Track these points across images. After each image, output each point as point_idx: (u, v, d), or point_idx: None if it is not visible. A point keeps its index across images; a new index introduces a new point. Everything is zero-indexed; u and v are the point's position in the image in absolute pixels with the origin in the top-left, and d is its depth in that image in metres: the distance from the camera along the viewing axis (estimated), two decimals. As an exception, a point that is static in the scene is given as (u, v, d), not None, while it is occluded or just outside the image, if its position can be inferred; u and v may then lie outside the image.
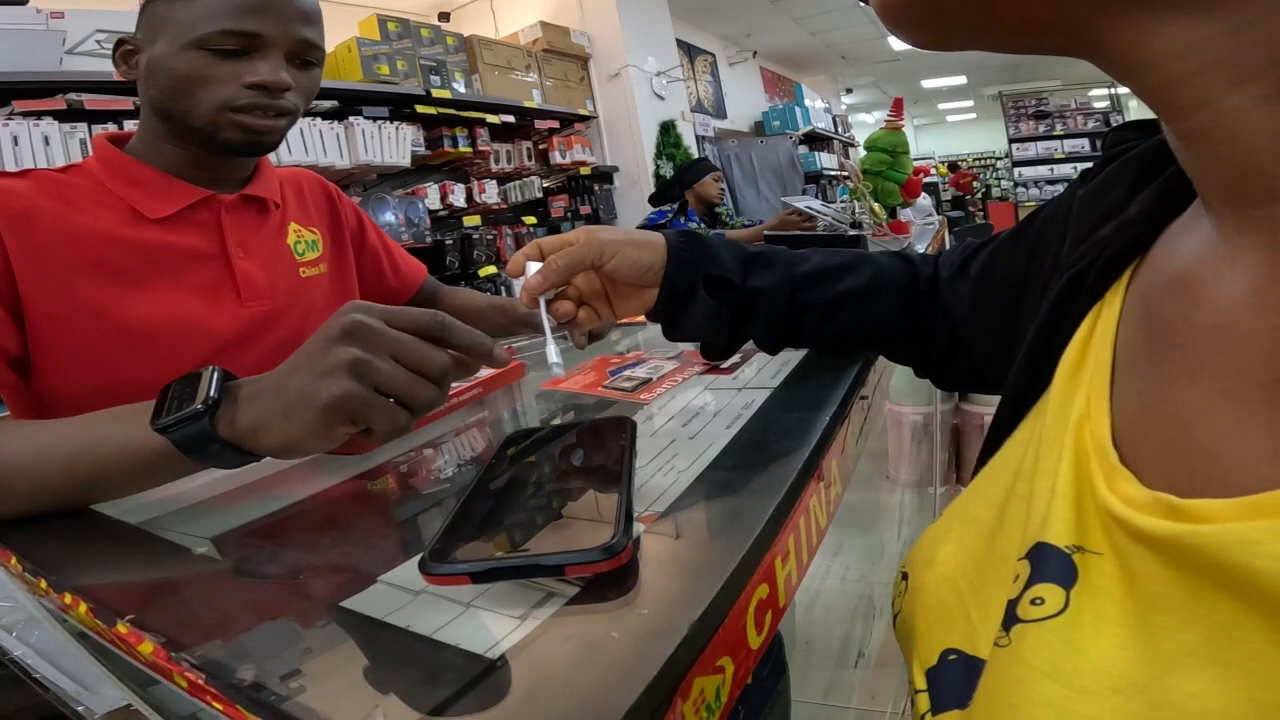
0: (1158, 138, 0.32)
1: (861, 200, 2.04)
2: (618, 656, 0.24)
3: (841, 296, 0.54)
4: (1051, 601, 0.23)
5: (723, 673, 0.26)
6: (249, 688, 0.24)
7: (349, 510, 0.47)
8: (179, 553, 0.40)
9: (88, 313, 0.67)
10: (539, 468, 0.39)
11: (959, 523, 0.33)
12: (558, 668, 0.24)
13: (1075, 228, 0.36)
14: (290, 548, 0.42)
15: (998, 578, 0.27)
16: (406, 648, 0.26)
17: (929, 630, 0.30)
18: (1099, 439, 0.25)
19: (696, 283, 0.51)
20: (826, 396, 0.49)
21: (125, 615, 0.31)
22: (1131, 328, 0.28)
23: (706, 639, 0.25)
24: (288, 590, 0.35)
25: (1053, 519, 0.25)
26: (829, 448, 0.42)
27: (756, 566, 0.29)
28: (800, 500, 0.36)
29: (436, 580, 0.29)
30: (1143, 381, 0.26)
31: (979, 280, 0.49)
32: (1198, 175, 0.24)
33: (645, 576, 0.29)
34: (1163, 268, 0.27)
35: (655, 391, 0.56)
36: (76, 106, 1.76)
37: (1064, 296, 0.32)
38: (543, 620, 0.27)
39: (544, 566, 0.28)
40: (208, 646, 0.28)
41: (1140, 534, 0.21)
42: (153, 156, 0.73)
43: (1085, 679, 0.21)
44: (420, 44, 2.85)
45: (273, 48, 0.68)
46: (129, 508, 0.48)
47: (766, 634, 0.31)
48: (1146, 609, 0.21)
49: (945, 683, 0.28)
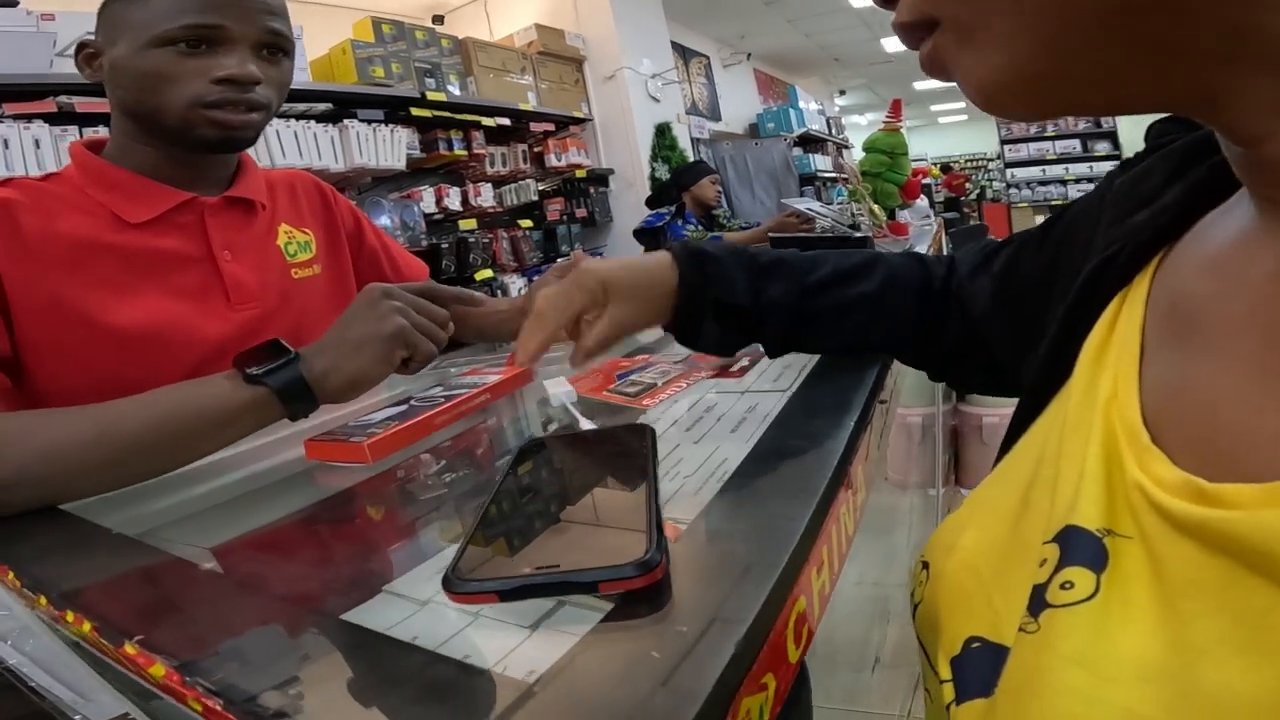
0: (1201, 132, 0.32)
1: (861, 202, 2.03)
2: (662, 677, 0.22)
3: (854, 301, 0.54)
4: (1081, 586, 0.22)
5: (766, 690, 0.25)
6: (272, 716, 0.23)
7: (355, 518, 0.46)
8: (181, 566, 0.39)
9: (75, 319, 0.66)
10: (559, 478, 0.38)
11: (980, 509, 0.32)
12: (598, 689, 0.23)
13: (1110, 214, 0.36)
14: (292, 559, 0.41)
15: (1021, 563, 0.27)
16: (425, 667, 0.25)
17: (952, 618, 0.29)
18: (1128, 419, 0.25)
19: (707, 308, 0.50)
20: (849, 401, 0.48)
21: (134, 636, 0.29)
22: (1160, 310, 0.28)
23: (753, 657, 0.24)
24: (290, 604, 0.34)
25: (1082, 501, 0.24)
26: (855, 454, 0.41)
27: (796, 579, 0.28)
28: (832, 509, 0.35)
29: (462, 599, 0.28)
30: (1172, 363, 0.25)
31: (1001, 276, 0.48)
32: (1247, 176, 0.24)
33: (679, 591, 0.28)
34: (1196, 252, 0.27)
35: (658, 397, 0.55)
36: (67, 109, 1.74)
37: (1093, 280, 0.31)
38: (576, 639, 0.25)
39: (577, 583, 0.27)
40: (222, 668, 0.27)
41: (1170, 517, 0.21)
42: (128, 159, 0.71)
43: (1113, 667, 0.20)
44: (415, 46, 2.84)
45: (239, 41, 0.67)
46: (127, 518, 0.46)
47: (804, 647, 0.30)
48: (1176, 595, 0.20)
49: (969, 671, 0.27)
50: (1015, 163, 9.00)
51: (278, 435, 0.60)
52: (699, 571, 0.30)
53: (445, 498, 0.48)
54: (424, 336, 0.57)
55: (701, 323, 0.51)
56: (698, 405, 0.53)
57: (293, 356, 0.53)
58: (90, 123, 1.78)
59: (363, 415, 0.57)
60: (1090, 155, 8.62)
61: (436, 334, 0.59)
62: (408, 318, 0.56)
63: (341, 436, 0.52)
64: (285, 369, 0.52)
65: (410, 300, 0.58)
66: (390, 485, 0.50)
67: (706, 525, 0.33)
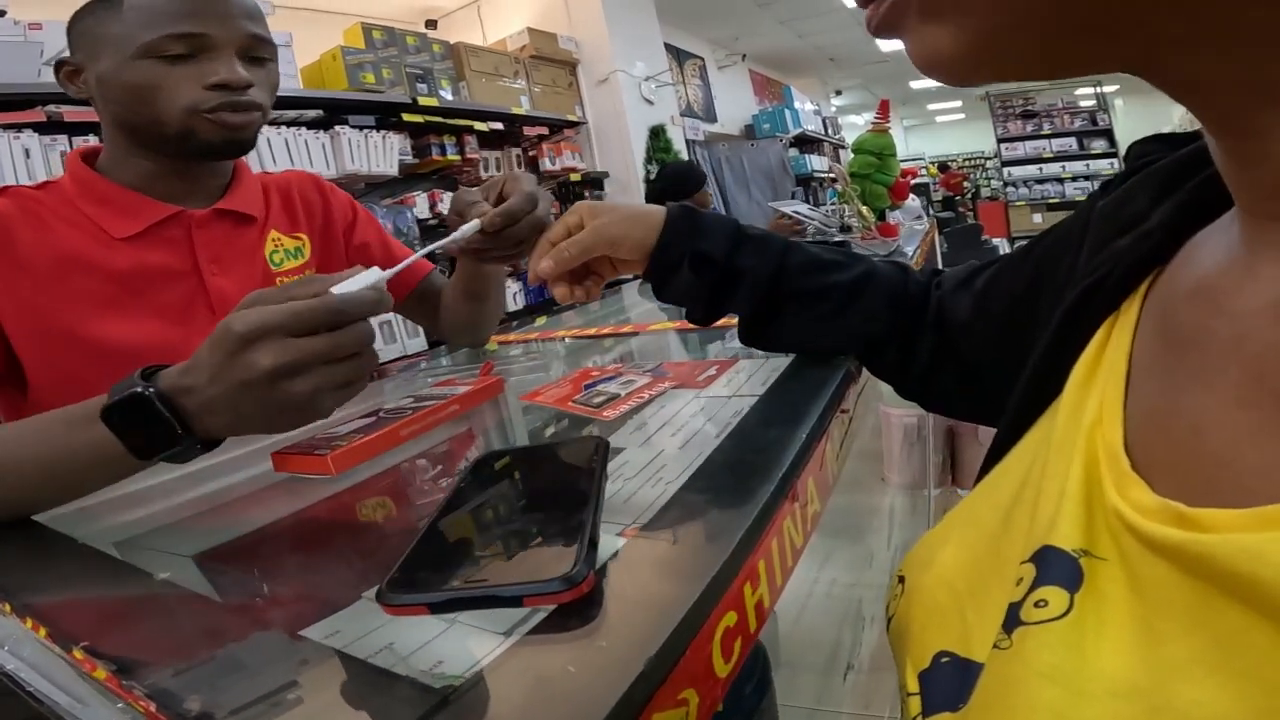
0: (1183, 151, 0.32)
1: (850, 203, 2.04)
2: (572, 691, 0.23)
3: (828, 288, 0.55)
4: (1055, 604, 0.23)
5: (686, 705, 0.25)
6: (197, 718, 0.24)
7: (311, 536, 0.46)
8: (138, 576, 0.39)
9: (61, 334, 0.66)
10: (504, 493, 0.38)
11: (960, 526, 0.33)
12: (508, 704, 0.23)
13: (1094, 238, 0.36)
14: (250, 573, 0.41)
15: (998, 580, 0.27)
16: (356, 678, 0.26)
17: (923, 632, 0.30)
18: (1110, 444, 0.25)
19: (685, 255, 0.55)
20: (805, 412, 0.48)
21: (80, 642, 0.30)
22: (1148, 336, 0.28)
23: (665, 673, 0.24)
24: (241, 617, 0.34)
25: (1060, 522, 0.24)
26: (804, 466, 0.41)
27: (722, 595, 0.29)
28: (773, 523, 0.35)
29: (395, 610, 0.29)
30: (1158, 388, 0.26)
31: (983, 294, 0.49)
32: (1236, 185, 0.24)
33: (609, 606, 0.28)
34: (1183, 277, 0.27)
35: (620, 409, 0.56)
36: (56, 118, 1.75)
37: (1078, 305, 0.32)
38: (501, 651, 0.26)
39: (502, 597, 0.27)
40: (157, 674, 0.27)
41: (1148, 540, 0.21)
42: (119, 172, 0.72)
43: (1086, 682, 0.20)
44: (406, 52, 2.85)
45: (223, 47, 0.67)
46: (97, 530, 0.47)
47: (736, 661, 0.30)
48: (1151, 614, 0.21)
49: (937, 685, 0.27)
50: (1012, 161, 9.00)
51: (250, 448, 0.61)
52: (631, 586, 0.30)
53: (404, 512, 0.48)
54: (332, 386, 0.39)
55: (677, 270, 0.55)
56: (657, 416, 0.53)
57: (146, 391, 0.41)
58: (79, 132, 1.78)
59: (331, 427, 0.58)
60: (1087, 153, 8.63)
61: (348, 377, 0.40)
62: (286, 359, 0.38)
63: (306, 449, 0.53)
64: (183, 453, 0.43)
65: (283, 323, 0.38)
66: (355, 499, 0.50)
67: (645, 539, 0.34)
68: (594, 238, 0.55)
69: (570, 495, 0.36)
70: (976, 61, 0.22)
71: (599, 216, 0.56)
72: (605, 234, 0.55)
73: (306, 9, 3.09)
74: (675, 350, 0.87)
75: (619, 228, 0.56)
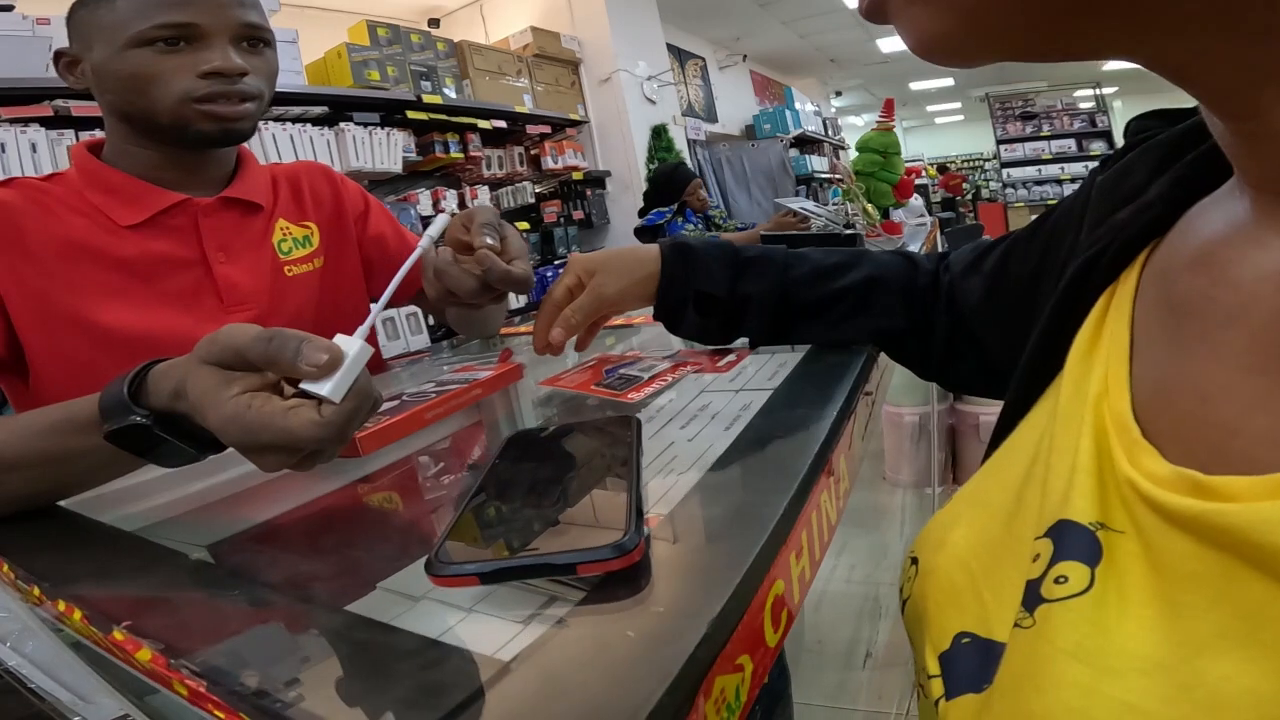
0: (1180, 126, 0.32)
1: (854, 201, 2.04)
2: (636, 656, 0.23)
3: (837, 294, 0.55)
4: (1076, 580, 0.22)
5: (742, 671, 0.25)
6: (252, 695, 0.23)
7: (346, 516, 0.46)
8: (175, 558, 0.39)
9: (68, 323, 0.66)
10: (544, 467, 0.38)
11: (970, 506, 0.32)
12: (571, 668, 0.23)
13: (1093, 212, 0.36)
14: (288, 554, 0.41)
15: (1012, 559, 0.27)
16: (413, 652, 0.26)
17: (940, 614, 0.29)
18: (1119, 414, 0.25)
19: (688, 298, 0.55)
20: (831, 392, 0.48)
21: (121, 622, 0.30)
22: (1149, 306, 0.28)
23: (726, 636, 0.24)
24: (287, 597, 0.34)
25: (1074, 495, 0.24)
26: (838, 442, 0.41)
27: (772, 562, 0.29)
28: (812, 495, 0.35)
29: (443, 582, 0.28)
30: (1162, 358, 0.25)
31: (992, 274, 0.48)
32: (1241, 162, 0.24)
33: (657, 575, 0.28)
34: (1183, 246, 0.27)
35: (643, 391, 0.56)
36: (63, 113, 1.75)
37: (1078, 278, 0.32)
38: (553, 622, 0.26)
39: (555, 565, 0.27)
40: (207, 653, 0.27)
41: (1165, 511, 0.21)
42: (123, 161, 0.72)
43: (1111, 659, 0.20)
44: (411, 49, 2.85)
45: (216, 35, 0.67)
46: (122, 516, 0.47)
47: (783, 632, 0.30)
48: (1173, 588, 0.20)
49: (959, 666, 0.27)
50: (1011, 162, 9.02)
51: None
52: (679, 556, 0.30)
53: (436, 495, 0.48)
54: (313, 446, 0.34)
55: (684, 311, 0.55)
56: (682, 398, 0.53)
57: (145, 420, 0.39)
58: (87, 126, 1.78)
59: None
60: (1086, 155, 8.64)
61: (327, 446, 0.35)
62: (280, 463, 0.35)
63: None
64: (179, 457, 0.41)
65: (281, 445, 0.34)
66: (381, 482, 0.50)
67: (687, 511, 0.34)
68: (596, 303, 0.57)
69: (610, 468, 0.36)
70: (964, 40, 0.22)
71: (595, 274, 0.57)
72: (605, 296, 0.57)
73: (312, 7, 3.09)
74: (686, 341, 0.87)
75: (616, 286, 0.57)
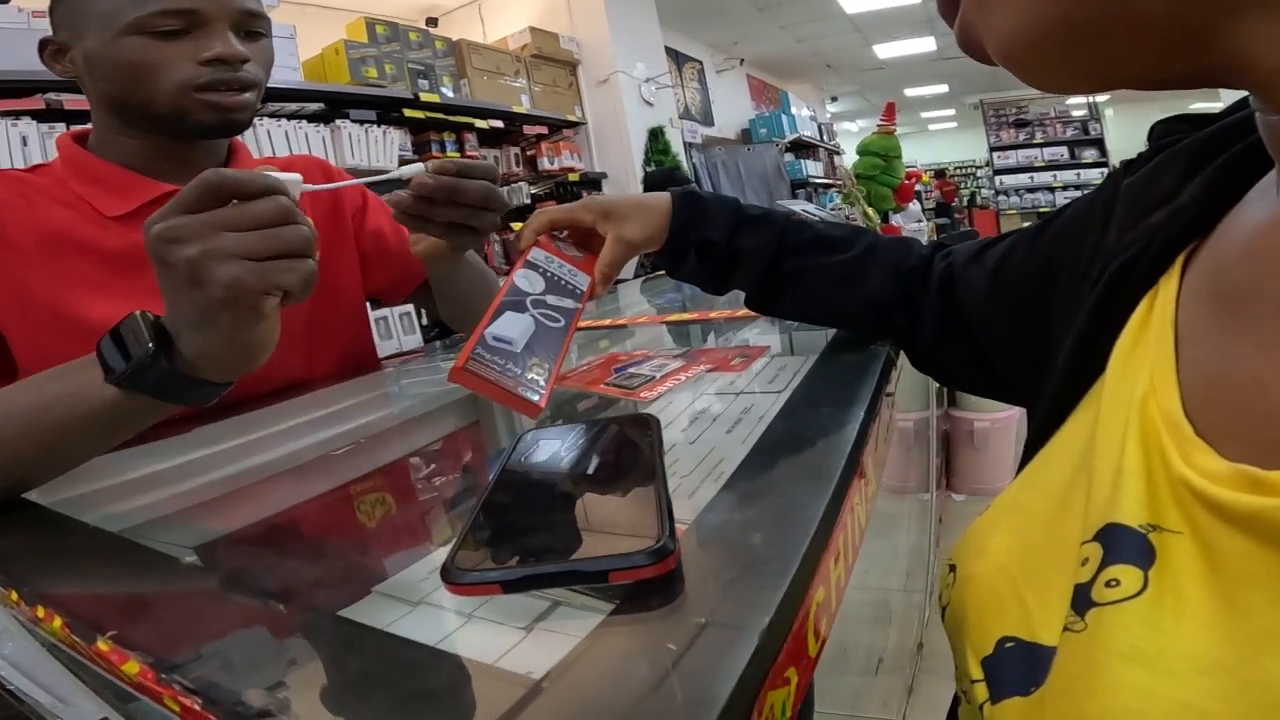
0: (1206, 130, 0.32)
1: (855, 204, 2.03)
2: (682, 672, 0.21)
3: (828, 266, 0.57)
4: (1128, 583, 0.22)
5: (789, 684, 0.24)
6: (256, 715, 0.21)
7: (339, 518, 0.44)
8: (161, 562, 0.37)
9: (50, 314, 0.64)
10: (560, 467, 0.36)
11: (1009, 512, 0.32)
12: (609, 686, 0.21)
13: (1122, 216, 0.36)
14: (280, 557, 0.39)
15: (1056, 564, 0.27)
16: (421, 666, 0.24)
17: (982, 619, 0.29)
18: (1169, 412, 0.24)
19: (692, 242, 0.57)
20: (855, 392, 0.46)
21: (105, 631, 0.28)
22: (1194, 304, 0.27)
23: (777, 648, 0.22)
24: (279, 602, 0.32)
25: (1122, 499, 0.24)
26: (867, 442, 0.40)
27: (816, 569, 0.27)
28: (847, 498, 0.33)
29: (462, 590, 0.26)
30: (1212, 353, 0.25)
31: (994, 270, 0.49)
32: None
33: (692, 582, 0.26)
34: (1228, 244, 0.27)
35: (656, 390, 0.54)
36: (55, 106, 1.72)
37: (1115, 283, 0.31)
38: (587, 632, 0.24)
39: (585, 573, 0.25)
40: (200, 666, 0.25)
41: (1223, 509, 0.21)
42: (110, 151, 0.69)
43: (1169, 661, 0.20)
44: (408, 48, 2.83)
45: (216, 22, 0.65)
46: (106, 515, 0.44)
47: (823, 641, 0.28)
48: (1232, 587, 0.20)
49: (1005, 671, 0.27)
50: (1004, 169, 9.07)
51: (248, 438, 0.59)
52: (712, 561, 0.28)
53: (437, 496, 0.46)
54: (273, 263, 0.38)
55: (686, 255, 0.57)
56: (698, 398, 0.51)
57: (149, 352, 0.40)
58: (79, 119, 1.75)
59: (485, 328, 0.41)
60: (1078, 162, 8.70)
61: (283, 243, 0.38)
62: (217, 248, 0.37)
63: (501, 377, 0.38)
64: (150, 369, 0.41)
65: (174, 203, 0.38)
66: (382, 482, 0.48)
67: (716, 515, 0.32)
68: (625, 250, 0.55)
69: (632, 470, 0.34)
70: (1046, 45, 0.21)
71: (612, 220, 0.56)
72: (632, 241, 0.55)
73: (310, 3, 3.06)
74: (695, 339, 0.86)
75: (639, 233, 0.56)
